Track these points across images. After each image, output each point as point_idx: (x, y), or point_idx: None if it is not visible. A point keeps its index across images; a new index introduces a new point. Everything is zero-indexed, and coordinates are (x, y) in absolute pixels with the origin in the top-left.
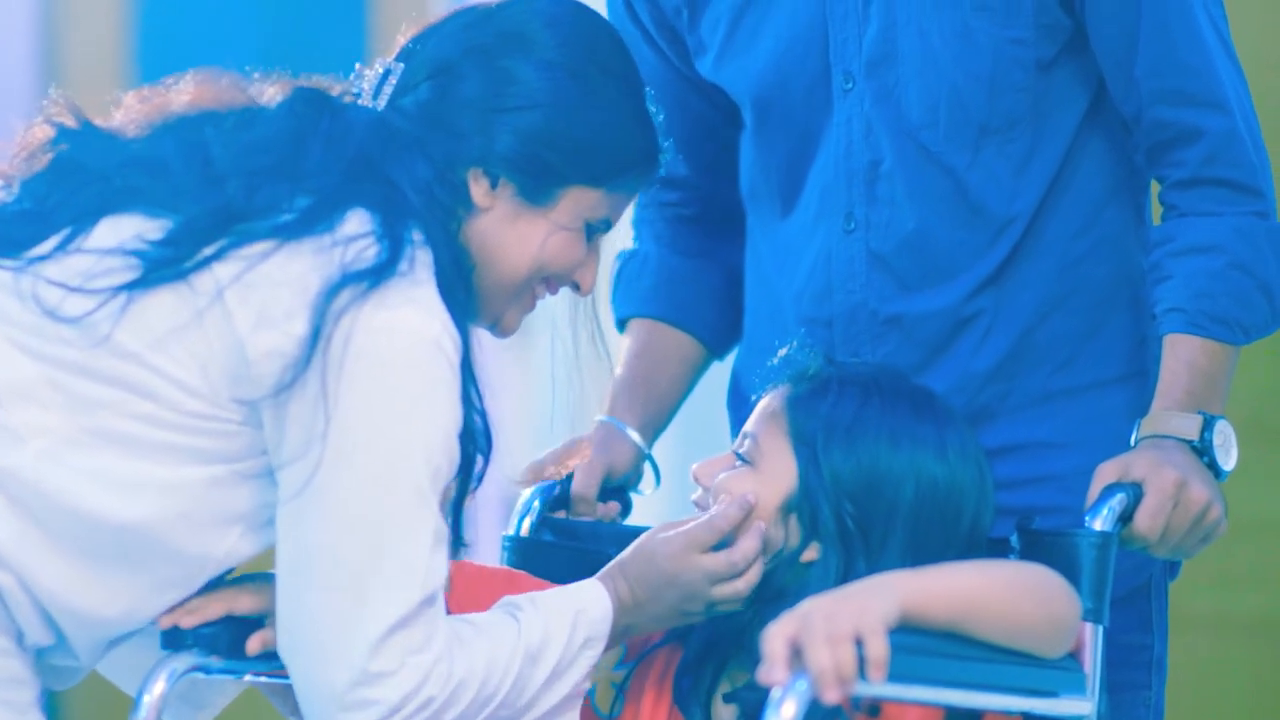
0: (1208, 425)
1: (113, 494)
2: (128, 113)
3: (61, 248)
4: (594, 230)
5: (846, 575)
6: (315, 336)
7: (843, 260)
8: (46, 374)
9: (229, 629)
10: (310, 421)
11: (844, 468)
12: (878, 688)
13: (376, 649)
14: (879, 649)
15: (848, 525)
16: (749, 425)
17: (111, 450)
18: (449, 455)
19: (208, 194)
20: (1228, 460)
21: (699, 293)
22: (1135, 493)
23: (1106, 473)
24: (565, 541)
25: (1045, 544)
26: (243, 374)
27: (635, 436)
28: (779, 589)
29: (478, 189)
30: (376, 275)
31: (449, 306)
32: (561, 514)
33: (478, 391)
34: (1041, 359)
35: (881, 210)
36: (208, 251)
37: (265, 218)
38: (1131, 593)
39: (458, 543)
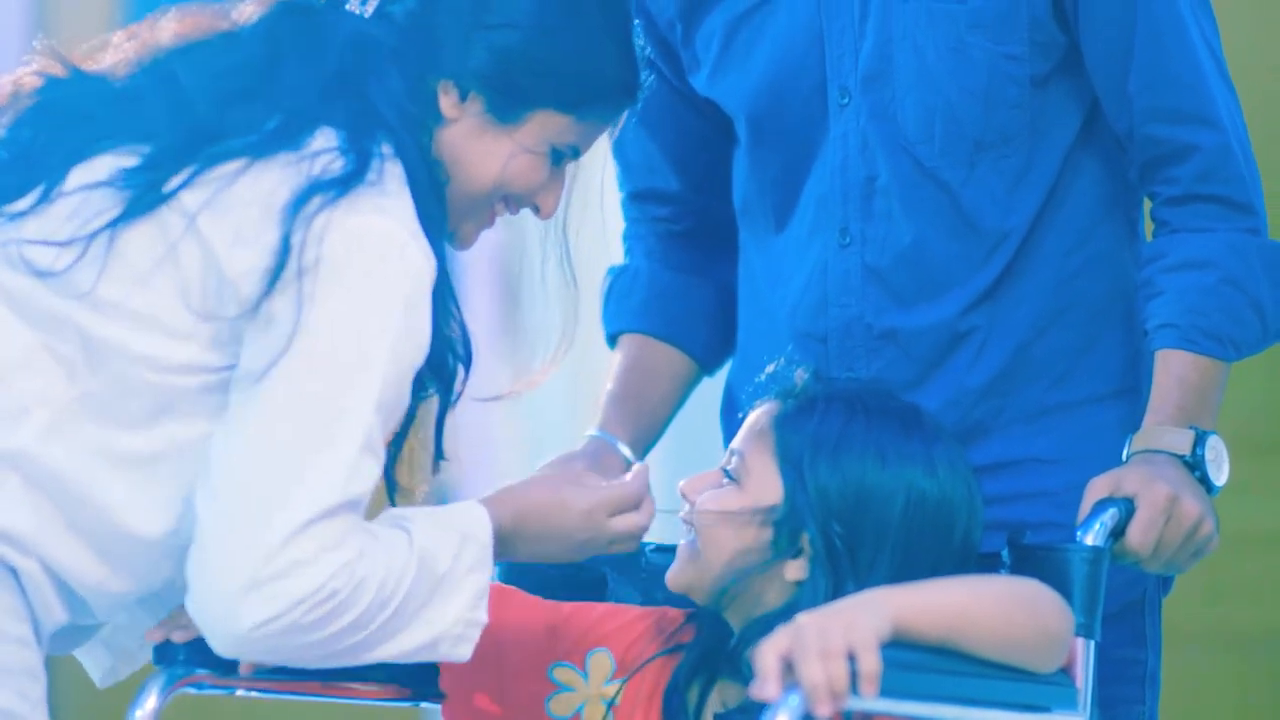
0: (1200, 440)
1: (120, 476)
2: (116, 53)
3: (42, 200)
4: (560, 156)
5: (836, 594)
6: (286, 243)
7: (838, 275)
8: (42, 340)
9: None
10: (282, 321)
11: (830, 485)
12: (870, 702)
13: (294, 538)
14: (871, 664)
15: (835, 545)
16: (736, 442)
17: (109, 420)
18: (410, 362)
19: (179, 121)
20: (1219, 475)
21: (690, 308)
22: (1127, 508)
23: (1098, 488)
24: None
25: (1037, 559)
26: (224, 294)
27: (626, 451)
28: (768, 608)
29: (446, 100)
30: (344, 184)
31: (424, 219)
32: None
33: (456, 303)
34: (1036, 375)
35: (877, 225)
36: (181, 176)
37: (235, 139)
38: (1125, 608)
39: (438, 455)
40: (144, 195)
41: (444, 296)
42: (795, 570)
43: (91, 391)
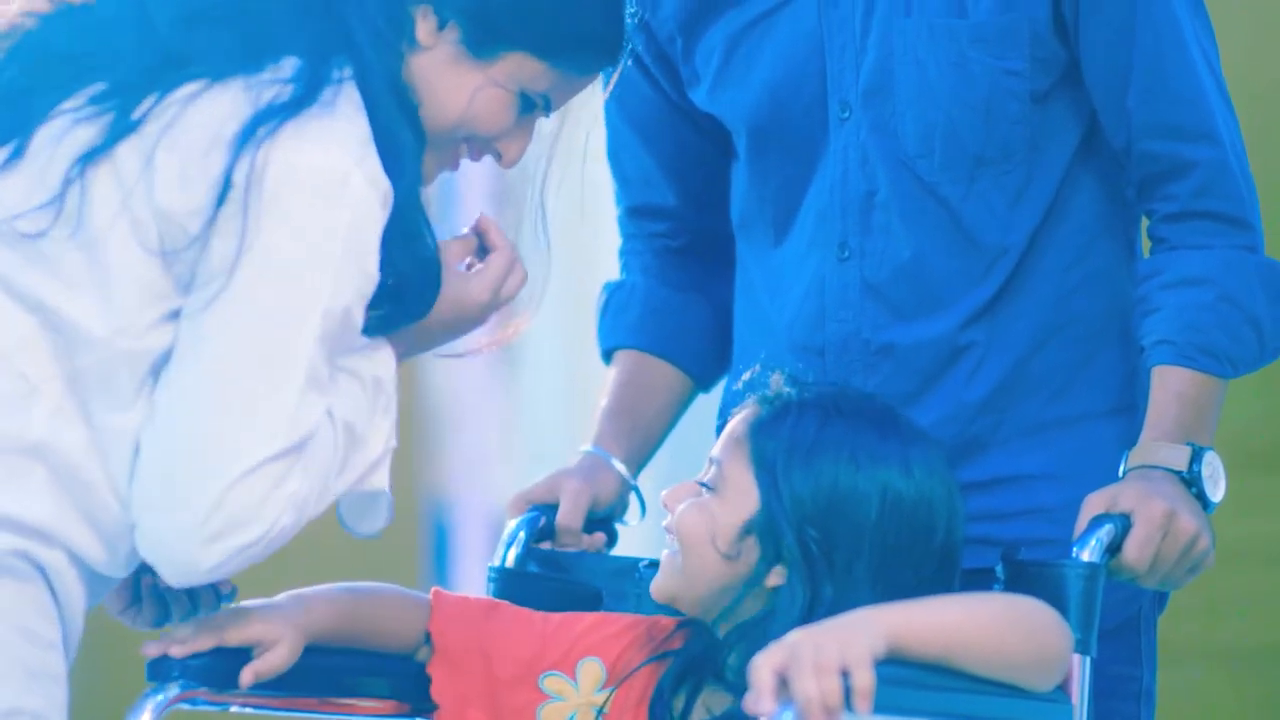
0: (1196, 456)
1: (118, 457)
2: None
3: (15, 155)
4: (530, 104)
5: (814, 600)
6: (227, 179)
7: (836, 289)
8: (36, 320)
9: (217, 660)
10: (224, 257)
11: (805, 491)
12: (864, 718)
13: (243, 482)
14: (865, 679)
15: (812, 550)
16: (714, 451)
17: (102, 400)
18: (355, 293)
19: (144, 45)
20: (1216, 492)
21: (686, 325)
22: (1123, 524)
23: (1094, 504)
24: (551, 573)
25: (1031, 575)
26: (174, 232)
27: (620, 467)
28: (748, 615)
29: (423, 26)
30: (288, 110)
31: (392, 141)
32: (547, 545)
33: (427, 225)
34: (1033, 391)
35: (876, 239)
36: (146, 103)
37: (197, 62)
38: (1121, 624)
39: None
40: (113, 125)
41: (411, 220)
42: (775, 577)
43: (83, 369)
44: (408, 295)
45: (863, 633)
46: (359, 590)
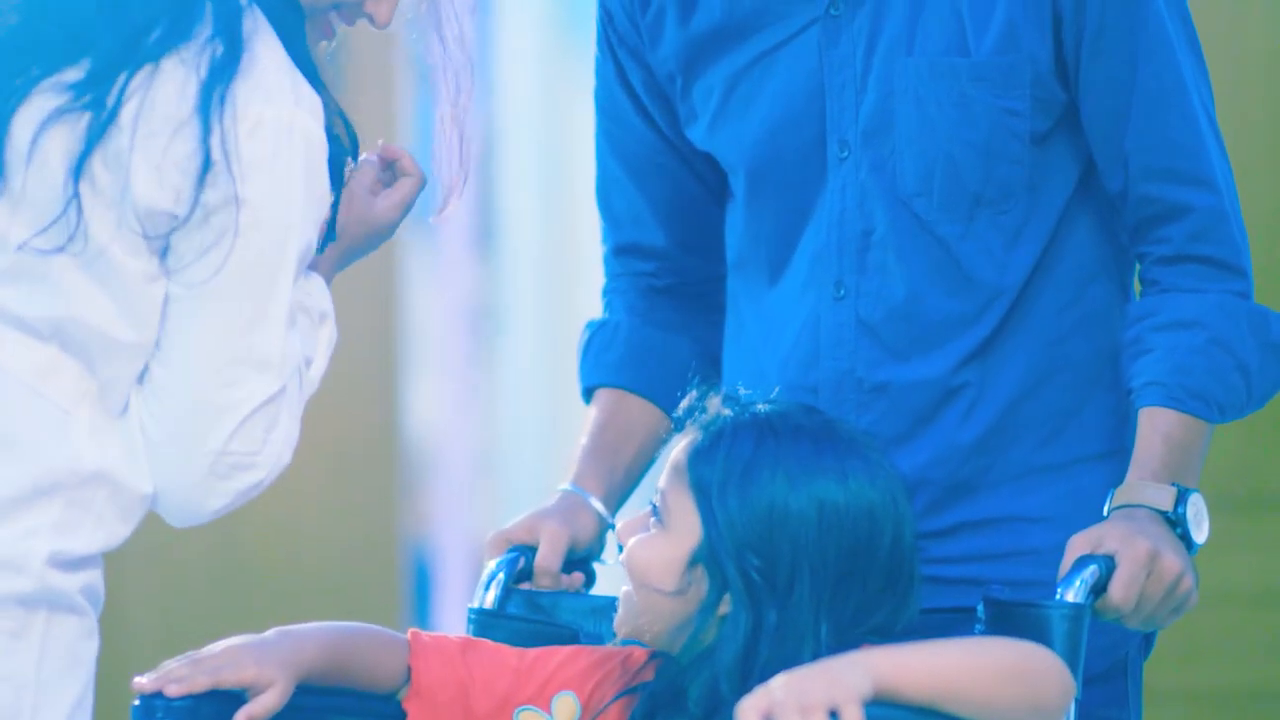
0: (1181, 497)
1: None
2: None
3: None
4: None
5: (758, 626)
6: (207, 153)
7: (831, 327)
8: (55, 346)
9: (204, 703)
10: (204, 227)
11: (740, 517)
12: None
13: (239, 433)
14: (854, 718)
15: (752, 577)
16: (660, 481)
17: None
18: (317, 218)
19: (111, 21)
20: (1199, 533)
21: (668, 365)
22: (1108, 565)
23: (1079, 544)
24: (530, 614)
25: (1016, 616)
26: (160, 217)
27: (599, 506)
28: (705, 645)
29: None
30: (228, 69)
31: (290, 39)
32: (526, 585)
33: (330, 100)
34: (1025, 433)
35: (872, 278)
36: (116, 86)
37: (146, 35)
38: (1109, 669)
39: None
40: (91, 126)
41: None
42: (725, 605)
43: (111, 378)
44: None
45: (850, 673)
46: (343, 630)
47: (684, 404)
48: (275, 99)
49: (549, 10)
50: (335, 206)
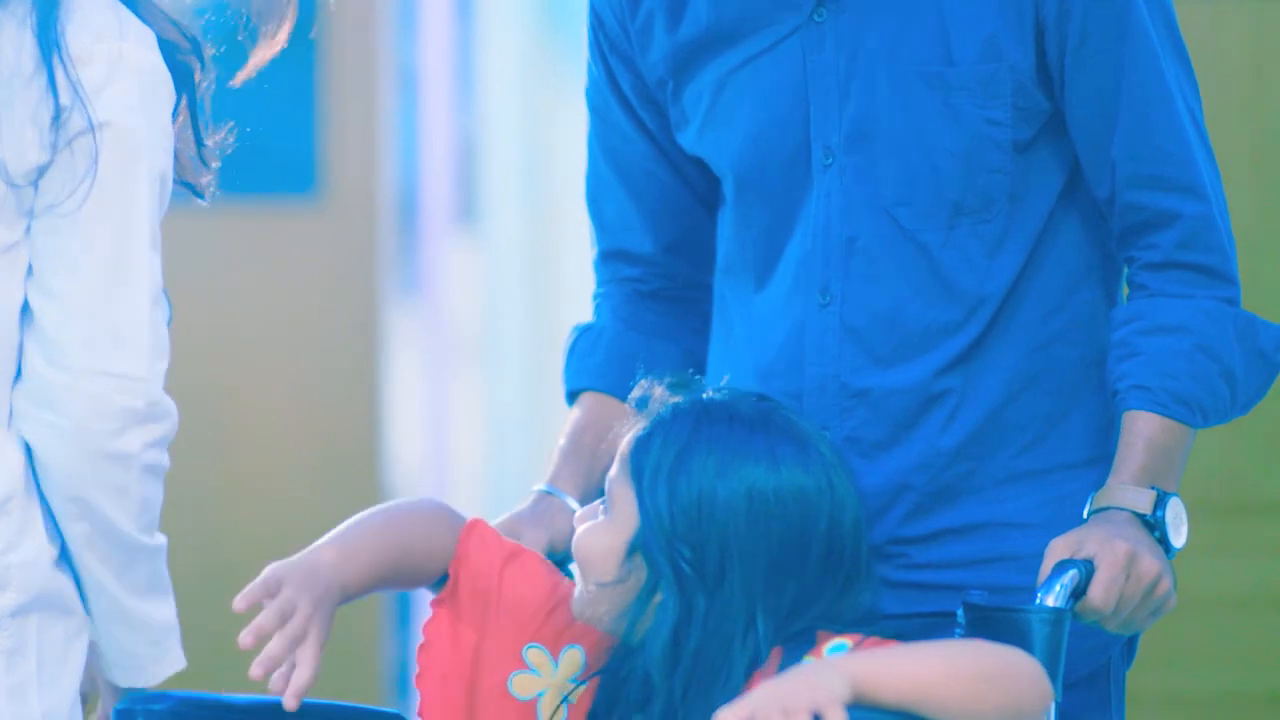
0: (1160, 501)
1: None
2: None
3: None
4: None
5: (688, 615)
6: (56, 101)
7: (816, 333)
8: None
9: (184, 710)
10: (67, 168)
11: (672, 505)
12: None
13: (154, 354)
14: (837, 718)
15: (682, 567)
16: (610, 470)
17: None
18: (169, 155)
19: None
20: (1178, 537)
21: (651, 370)
22: (1087, 568)
23: (1058, 548)
24: None
25: (996, 620)
26: (25, 167)
27: (575, 506)
28: (638, 634)
29: None
30: (50, 21)
31: None
32: None
33: (166, 16)
34: (1008, 439)
35: (856, 285)
36: None
37: None
38: (1092, 673)
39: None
40: None
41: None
42: (660, 594)
43: None
44: (181, 82)
45: (828, 677)
46: (391, 542)
47: (634, 393)
48: (103, 34)
49: (531, 13)
50: (199, 137)
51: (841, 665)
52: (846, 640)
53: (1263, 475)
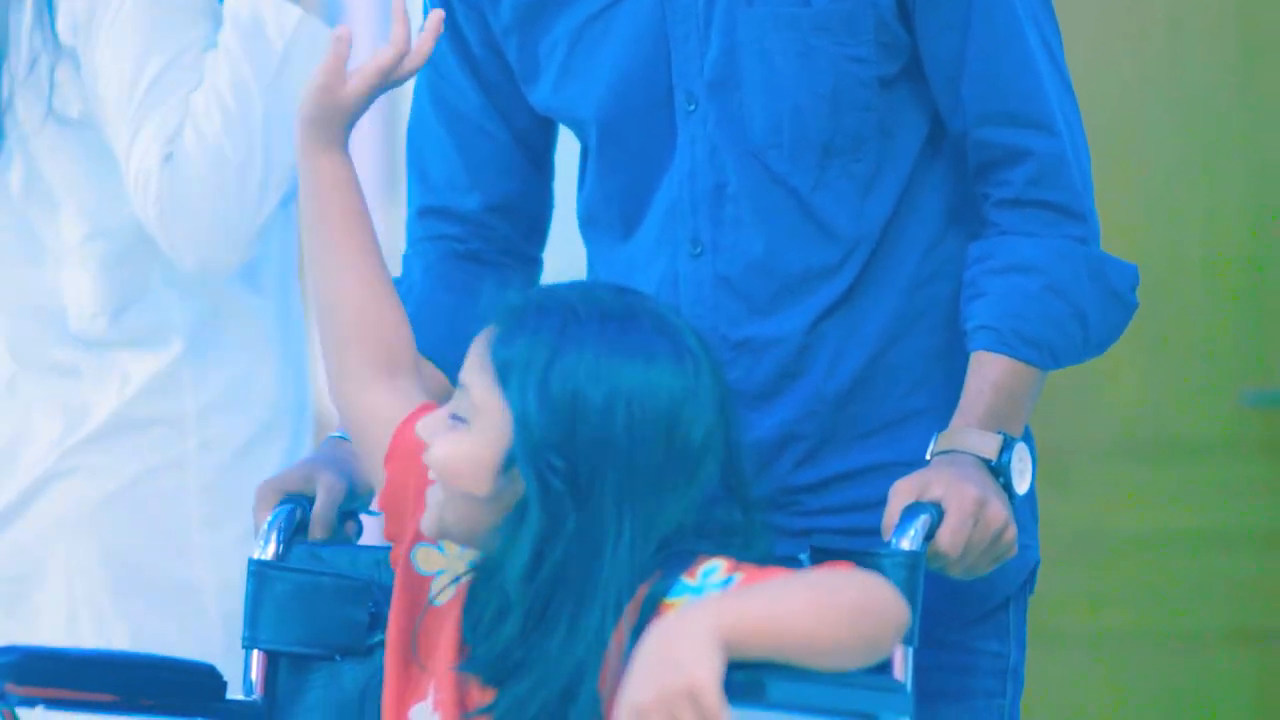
0: (1007, 446)
1: None
2: None
3: None
4: None
5: (554, 531)
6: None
7: (690, 284)
8: None
9: (27, 659)
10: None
11: (540, 411)
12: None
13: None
14: (713, 705)
15: (551, 482)
16: (462, 375)
17: None
18: None
19: None
20: (1021, 484)
21: (455, 328)
22: (937, 511)
23: (903, 490)
24: (315, 567)
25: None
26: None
27: None
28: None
29: None
30: None
31: None
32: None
33: None
34: (894, 381)
35: (728, 233)
36: None
37: None
38: (990, 609)
39: None
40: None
41: None
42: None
43: None
44: None
45: (701, 652)
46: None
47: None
48: None
49: None
50: None
51: (712, 627)
52: (720, 561)
53: (1185, 415)
